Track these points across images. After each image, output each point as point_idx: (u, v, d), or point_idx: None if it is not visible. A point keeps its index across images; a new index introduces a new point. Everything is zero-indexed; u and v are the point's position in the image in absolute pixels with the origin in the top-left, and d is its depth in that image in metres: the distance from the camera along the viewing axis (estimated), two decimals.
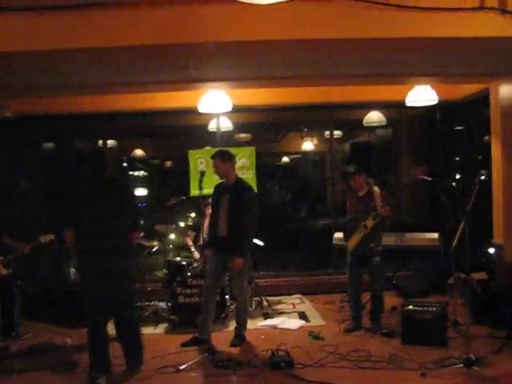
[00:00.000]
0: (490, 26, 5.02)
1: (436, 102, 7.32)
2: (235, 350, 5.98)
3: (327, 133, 9.72)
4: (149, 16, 4.77)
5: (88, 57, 5.26)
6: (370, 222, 6.35)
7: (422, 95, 7.20)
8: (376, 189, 6.47)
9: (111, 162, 10.67)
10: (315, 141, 11.58)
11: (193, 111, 7.61)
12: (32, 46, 4.82)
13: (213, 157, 6.22)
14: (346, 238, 6.56)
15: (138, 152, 11.85)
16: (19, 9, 4.65)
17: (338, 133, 10.53)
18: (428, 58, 6.01)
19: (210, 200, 6.56)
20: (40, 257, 7.78)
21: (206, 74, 6.15)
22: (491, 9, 5.00)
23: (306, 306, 7.88)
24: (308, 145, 11.71)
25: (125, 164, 12.33)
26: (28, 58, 5.17)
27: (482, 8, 5.01)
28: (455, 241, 5.11)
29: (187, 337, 6.21)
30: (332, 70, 6.41)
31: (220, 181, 6.35)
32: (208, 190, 6.69)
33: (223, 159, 6.14)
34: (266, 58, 5.64)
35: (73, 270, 8.02)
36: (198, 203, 6.63)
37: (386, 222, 6.43)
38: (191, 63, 5.61)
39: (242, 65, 5.94)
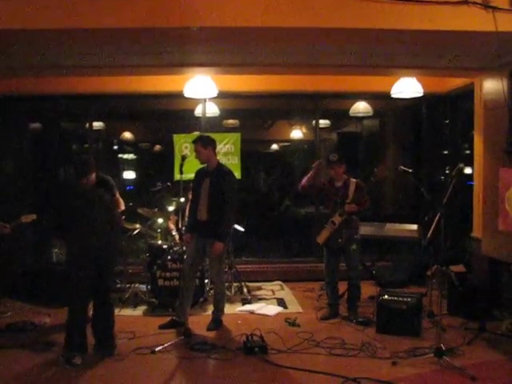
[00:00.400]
0: (473, 20, 5.07)
1: (421, 94, 7.37)
2: (211, 334, 6.04)
3: (314, 122, 9.73)
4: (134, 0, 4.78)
5: (75, 38, 5.27)
6: (337, 219, 6.42)
7: (407, 87, 7.24)
8: (353, 181, 6.50)
9: (101, 145, 10.75)
10: (304, 129, 11.58)
11: (179, 95, 7.63)
12: (19, 25, 4.82)
13: (194, 141, 6.24)
14: (316, 233, 6.60)
15: (127, 135, 11.82)
16: None
17: (326, 122, 10.56)
18: (413, 51, 6.06)
19: (191, 184, 6.59)
20: (22, 236, 7.81)
21: (190, 58, 6.17)
22: (474, 3, 5.05)
23: (285, 292, 7.94)
24: (297, 133, 11.72)
25: (115, 147, 12.31)
26: (14, 37, 5.17)
27: (465, 2, 5.06)
28: (429, 233, 5.17)
29: (165, 319, 6.27)
30: (317, 58, 6.44)
31: (201, 166, 6.37)
32: (190, 175, 6.71)
33: (204, 144, 6.16)
34: (250, 45, 5.67)
35: (55, 251, 8.03)
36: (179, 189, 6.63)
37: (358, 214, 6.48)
38: (175, 47, 5.63)
39: (226, 51, 5.97)
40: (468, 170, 7.58)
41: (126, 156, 12.85)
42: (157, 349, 5.42)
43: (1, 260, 6.83)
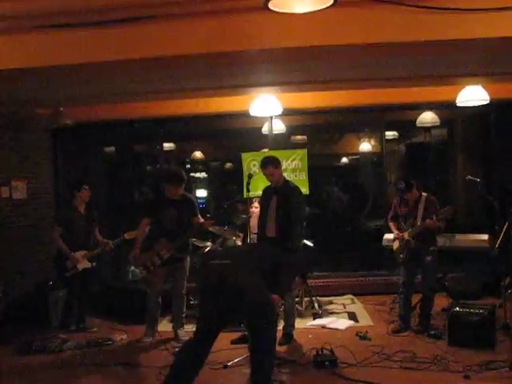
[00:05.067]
0: None
1: (487, 101, 7.22)
2: (282, 349, 6.10)
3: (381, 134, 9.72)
4: (194, 27, 4.96)
5: (142, 67, 5.53)
6: (406, 235, 6.41)
7: (472, 95, 7.11)
8: (423, 196, 6.48)
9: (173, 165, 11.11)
10: (372, 142, 11.54)
11: (246, 114, 7.81)
12: (92, 58, 5.10)
13: (264, 166, 6.29)
14: (393, 239, 6.66)
15: (198, 154, 12.14)
16: (83, 24, 4.92)
17: (393, 133, 10.51)
18: (477, 59, 5.97)
19: (254, 200, 6.73)
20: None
21: (252, 79, 6.32)
22: None
23: (356, 306, 7.94)
24: (365, 145, 11.68)
25: (188, 166, 12.66)
26: (87, 70, 5.48)
27: None
28: (498, 242, 5.09)
29: (237, 334, 6.40)
30: (380, 73, 6.45)
31: (268, 183, 6.50)
32: (257, 192, 6.86)
33: (275, 165, 6.27)
34: (310, 63, 5.75)
35: (131, 269, 8.35)
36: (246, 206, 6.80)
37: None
38: (237, 69, 5.80)
39: (286, 70, 6.06)
40: None
41: (197, 175, 13.17)
42: (229, 363, 5.56)
43: (88, 277, 7.20)
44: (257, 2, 4.17)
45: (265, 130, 8.94)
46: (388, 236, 7.47)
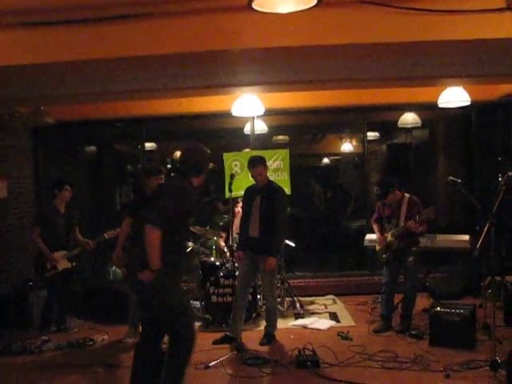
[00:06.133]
0: None
1: (469, 103, 7.28)
2: (264, 349, 6.12)
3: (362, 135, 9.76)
4: (177, 26, 4.94)
5: (125, 65, 5.50)
6: (389, 236, 6.47)
7: (454, 96, 7.17)
8: (406, 197, 6.51)
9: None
10: (354, 142, 11.59)
11: (228, 114, 7.80)
12: (71, 57, 5.05)
13: (254, 165, 6.28)
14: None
15: (179, 154, 12.09)
16: (65, 22, 4.87)
17: (375, 134, 10.56)
18: (459, 60, 6.02)
19: (239, 200, 6.73)
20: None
21: (235, 79, 6.29)
22: None
23: (337, 306, 7.95)
24: (347, 146, 11.73)
25: (168, 165, 12.60)
26: (68, 68, 5.43)
27: (508, 8, 5.01)
28: (478, 243, 5.13)
29: (219, 335, 6.38)
30: (362, 73, 6.45)
31: (250, 183, 6.51)
32: (239, 193, 6.86)
33: (264, 164, 6.33)
34: (293, 63, 5.76)
35: (112, 269, 8.30)
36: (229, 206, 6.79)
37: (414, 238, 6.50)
38: (220, 69, 5.78)
39: (269, 70, 6.04)
40: None
41: None
42: (211, 364, 5.55)
43: (69, 277, 7.13)
44: (240, 2, 4.17)
45: (247, 130, 8.94)
46: (370, 236, 7.51)
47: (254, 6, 3.84)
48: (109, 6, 4.73)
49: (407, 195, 6.52)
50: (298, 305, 7.67)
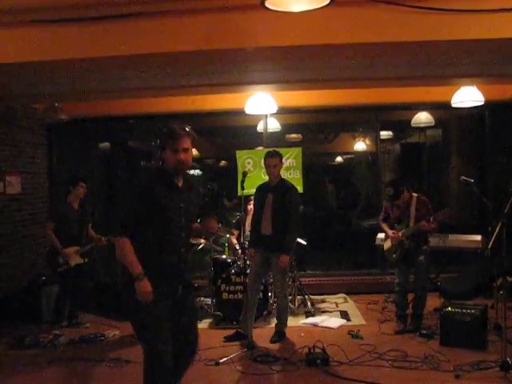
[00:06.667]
0: None
1: (482, 102, 7.26)
2: (274, 346, 6.14)
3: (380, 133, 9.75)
4: (191, 24, 4.96)
5: (137, 63, 5.53)
6: (400, 235, 6.46)
7: (467, 96, 7.16)
8: (414, 197, 6.49)
9: None
10: (367, 141, 11.58)
11: (241, 112, 7.82)
12: (86, 54, 5.09)
13: (271, 156, 6.30)
14: (385, 239, 6.70)
15: (193, 151, 12.13)
16: (77, 19, 4.91)
17: (388, 133, 10.55)
18: (472, 60, 6.00)
19: (251, 197, 6.75)
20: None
21: (248, 77, 6.33)
22: None
23: (348, 305, 7.96)
24: (360, 145, 11.72)
25: None
26: (82, 65, 5.47)
27: None
28: (490, 243, 5.12)
29: (230, 332, 6.42)
30: (375, 72, 6.46)
31: (262, 181, 6.53)
32: (251, 190, 6.87)
33: (280, 158, 6.37)
34: (306, 62, 5.77)
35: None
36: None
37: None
38: (233, 67, 5.81)
39: (282, 69, 6.08)
40: None
41: (192, 172, 13.15)
42: (221, 360, 5.58)
43: (81, 273, 7.19)
44: (253, 0, 4.18)
45: (260, 128, 8.96)
46: (381, 235, 7.50)
47: (267, 4, 3.85)
48: (123, 3, 4.77)
49: (415, 195, 6.50)
50: (308, 303, 7.68)
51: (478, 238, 7.38)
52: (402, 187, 6.44)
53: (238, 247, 7.63)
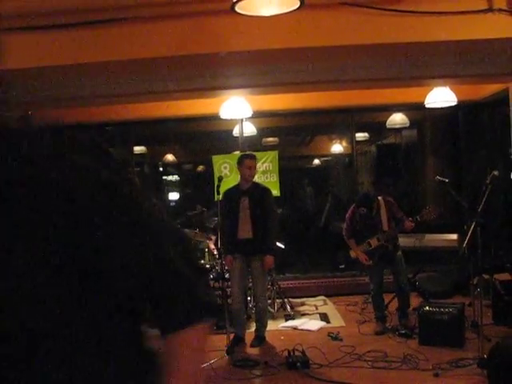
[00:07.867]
0: (499, 27, 5.06)
1: (455, 103, 7.35)
2: (254, 351, 6.13)
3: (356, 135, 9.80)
4: (164, 30, 4.96)
5: (111, 69, 5.51)
6: (374, 242, 6.46)
7: (440, 97, 7.24)
8: (380, 201, 6.49)
9: (147, 168, 11.08)
10: (343, 143, 11.62)
11: (217, 117, 7.82)
12: (61, 61, 5.06)
13: (249, 158, 6.29)
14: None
15: (170, 157, 12.09)
16: (51, 26, 4.87)
17: (364, 135, 10.61)
18: (444, 61, 6.07)
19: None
20: None
21: (222, 82, 6.32)
22: (500, 10, 5.05)
23: (328, 307, 7.96)
24: (337, 147, 11.76)
25: (160, 169, 12.62)
26: (56, 72, 5.43)
27: (490, 10, 5.06)
28: (465, 242, 5.16)
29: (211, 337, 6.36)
30: (349, 74, 6.49)
31: (230, 186, 6.50)
32: None
33: (256, 161, 6.40)
34: (278, 65, 5.79)
35: None
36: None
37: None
38: (207, 72, 5.80)
39: (256, 73, 6.09)
40: None
41: (169, 178, 13.12)
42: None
43: None
44: (226, 5, 4.19)
45: (236, 132, 8.95)
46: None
47: (237, 9, 3.86)
48: (94, 10, 4.75)
49: (379, 198, 6.52)
50: (288, 306, 7.67)
51: (455, 236, 7.45)
52: (374, 203, 6.45)
53: (215, 252, 7.60)
